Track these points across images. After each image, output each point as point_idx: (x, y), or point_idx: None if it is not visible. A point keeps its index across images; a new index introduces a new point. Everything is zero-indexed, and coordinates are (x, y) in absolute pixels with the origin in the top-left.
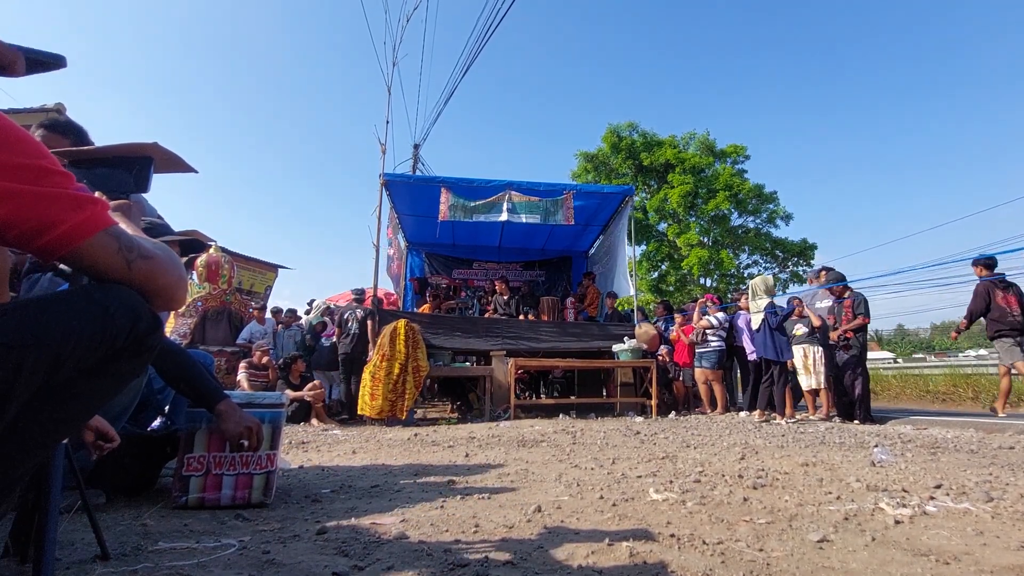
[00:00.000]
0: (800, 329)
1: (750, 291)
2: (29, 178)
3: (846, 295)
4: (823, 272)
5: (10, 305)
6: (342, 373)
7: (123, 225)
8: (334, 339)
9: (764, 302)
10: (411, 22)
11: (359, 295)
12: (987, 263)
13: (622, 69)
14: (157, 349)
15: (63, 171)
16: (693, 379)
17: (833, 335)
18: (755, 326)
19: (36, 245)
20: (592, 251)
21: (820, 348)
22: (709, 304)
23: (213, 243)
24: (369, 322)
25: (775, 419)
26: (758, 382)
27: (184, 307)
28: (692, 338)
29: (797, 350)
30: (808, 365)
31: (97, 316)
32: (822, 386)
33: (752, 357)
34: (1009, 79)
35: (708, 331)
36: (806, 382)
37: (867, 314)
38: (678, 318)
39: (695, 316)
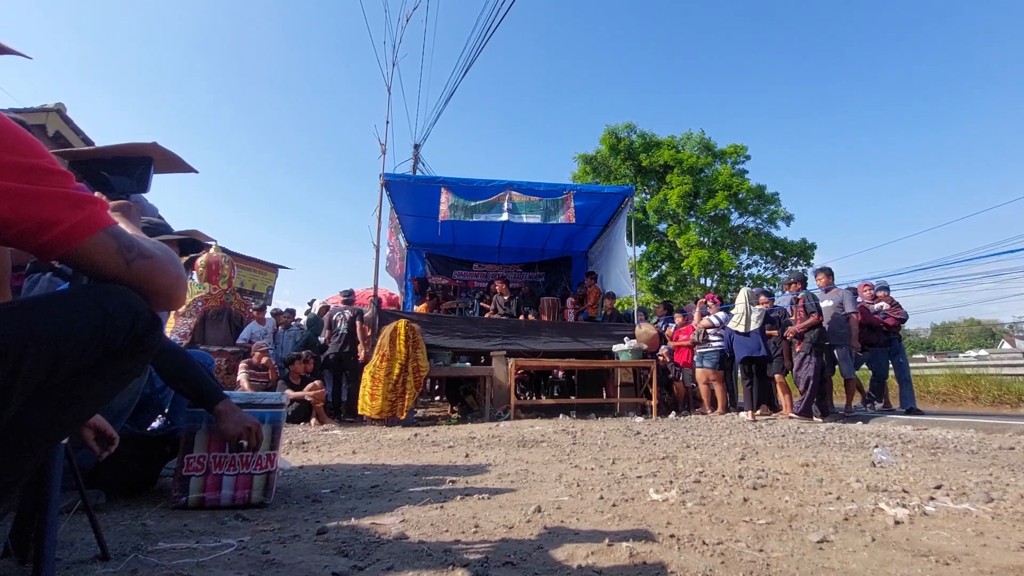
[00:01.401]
0: None
1: (742, 299)
2: (28, 177)
3: (799, 294)
4: (820, 274)
5: (9, 304)
6: (332, 373)
7: (123, 225)
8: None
9: (757, 307)
10: (411, 22)
11: (348, 296)
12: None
13: (622, 69)
14: (156, 349)
15: (62, 170)
16: (693, 379)
17: (789, 332)
18: (746, 328)
19: (35, 244)
20: (591, 251)
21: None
22: (710, 304)
23: (213, 243)
24: (357, 323)
25: (775, 417)
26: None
27: (184, 307)
28: (693, 338)
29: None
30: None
31: (96, 315)
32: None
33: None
34: (1008, 79)
35: (709, 331)
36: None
37: (820, 312)
38: (678, 318)
39: (695, 316)
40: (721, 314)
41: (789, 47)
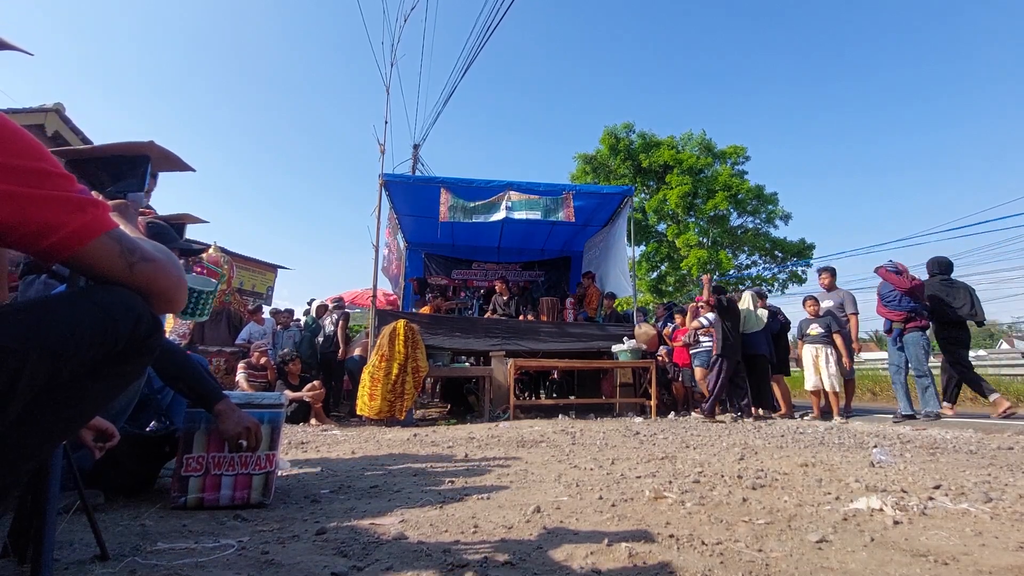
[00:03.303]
0: (815, 329)
1: (746, 299)
2: (30, 181)
3: (715, 300)
4: (824, 273)
5: (12, 307)
6: (321, 373)
7: (122, 226)
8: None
9: (763, 312)
10: (409, 22)
11: (337, 302)
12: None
13: (622, 68)
14: (157, 351)
15: (64, 173)
16: (692, 379)
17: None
18: (755, 326)
19: (38, 248)
20: (587, 250)
21: (832, 349)
22: (701, 305)
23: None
24: (340, 323)
25: (772, 417)
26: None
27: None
28: (684, 340)
29: (810, 348)
30: (819, 365)
31: (98, 317)
32: (833, 389)
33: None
34: (1009, 79)
35: (699, 331)
36: (812, 381)
37: (723, 316)
38: (678, 318)
39: (688, 317)
40: (711, 315)
41: (789, 46)
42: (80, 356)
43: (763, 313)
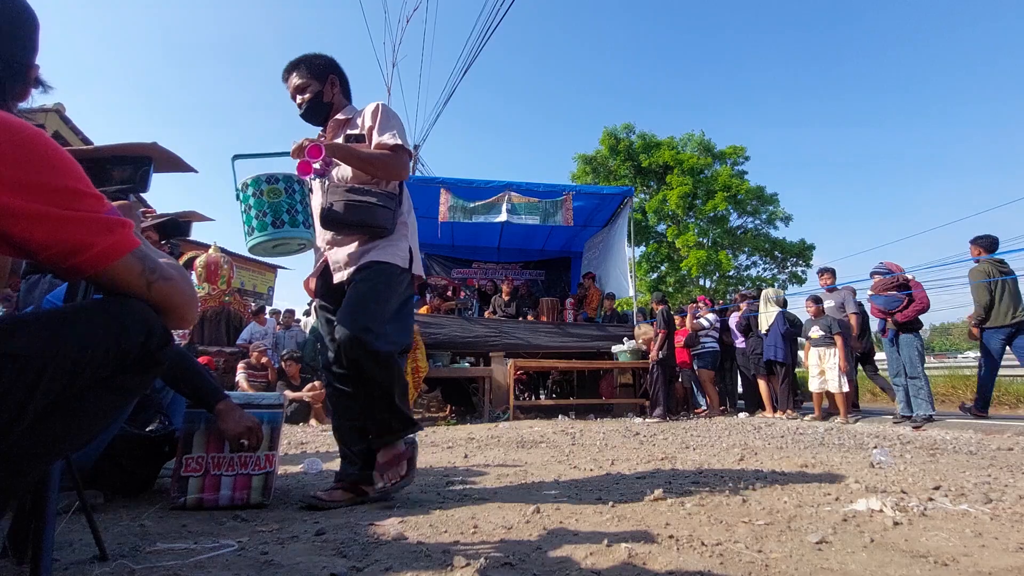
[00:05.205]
0: (816, 332)
1: (763, 299)
2: (63, 202)
3: (659, 310)
4: (825, 274)
5: (29, 316)
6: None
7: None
8: None
9: (775, 311)
10: (411, 23)
11: None
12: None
13: (621, 68)
14: (167, 364)
15: (95, 193)
16: (692, 379)
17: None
18: (763, 329)
19: (66, 265)
20: (586, 251)
21: (835, 351)
22: (701, 306)
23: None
24: None
25: (780, 416)
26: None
27: None
28: (686, 341)
29: (813, 352)
30: (823, 368)
31: (113, 329)
32: (836, 390)
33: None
34: (1009, 79)
35: (700, 332)
36: (818, 383)
37: (663, 326)
38: (677, 319)
39: (688, 318)
40: (711, 316)
41: (790, 38)
42: (94, 367)
43: (772, 312)
